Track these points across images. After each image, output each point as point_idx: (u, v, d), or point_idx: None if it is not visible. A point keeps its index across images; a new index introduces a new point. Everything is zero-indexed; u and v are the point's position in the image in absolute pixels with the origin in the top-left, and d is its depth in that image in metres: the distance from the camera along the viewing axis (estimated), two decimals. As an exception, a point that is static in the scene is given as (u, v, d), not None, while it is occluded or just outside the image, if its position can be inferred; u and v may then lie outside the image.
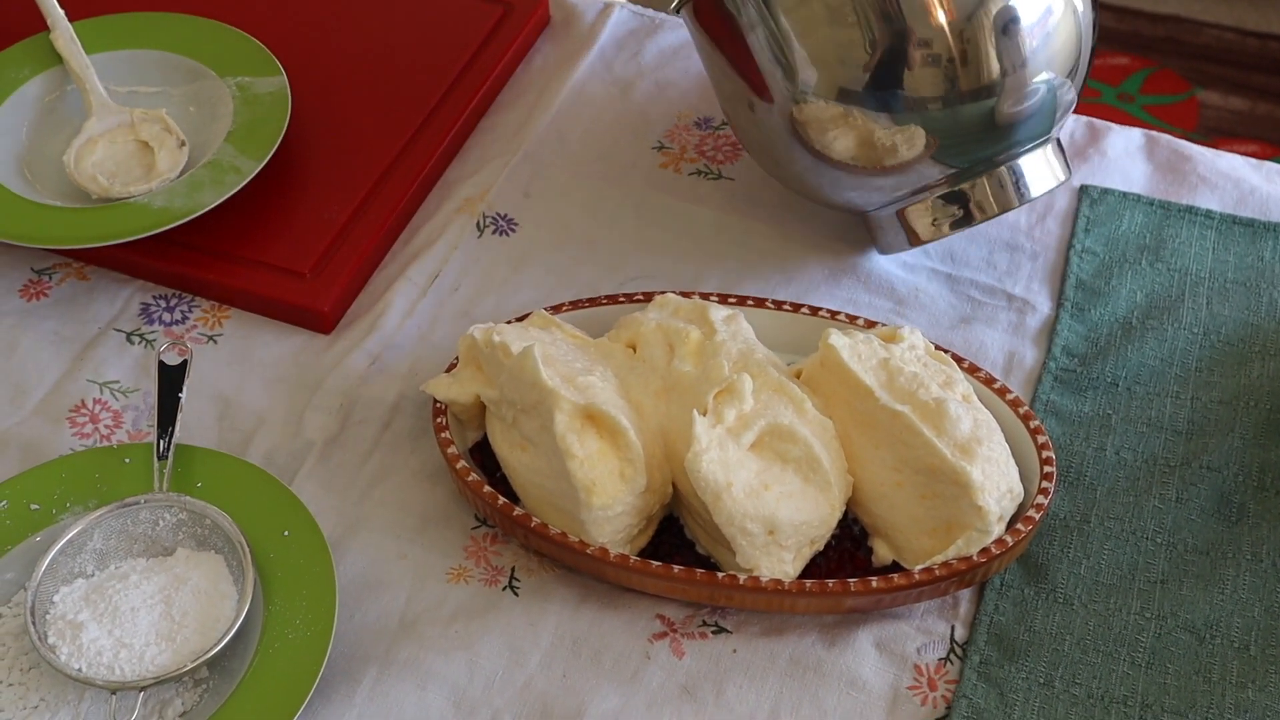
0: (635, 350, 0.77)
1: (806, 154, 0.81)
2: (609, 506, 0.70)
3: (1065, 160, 0.84)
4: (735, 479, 0.70)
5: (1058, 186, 0.84)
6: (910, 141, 0.79)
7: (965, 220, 0.83)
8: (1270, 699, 0.69)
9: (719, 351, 0.74)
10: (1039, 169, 0.83)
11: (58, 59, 0.94)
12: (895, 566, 0.73)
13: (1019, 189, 0.82)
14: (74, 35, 0.94)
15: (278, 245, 0.88)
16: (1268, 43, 2.06)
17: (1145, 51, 2.07)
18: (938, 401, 0.72)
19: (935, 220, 0.83)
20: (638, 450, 0.71)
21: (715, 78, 0.85)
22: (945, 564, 0.70)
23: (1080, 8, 0.80)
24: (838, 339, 0.75)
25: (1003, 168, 0.82)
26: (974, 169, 0.82)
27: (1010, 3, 0.77)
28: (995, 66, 0.77)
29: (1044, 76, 0.78)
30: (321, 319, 0.86)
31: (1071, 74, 0.81)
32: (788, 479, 0.71)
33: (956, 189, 0.82)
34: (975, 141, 0.80)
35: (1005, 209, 0.82)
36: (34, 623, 0.68)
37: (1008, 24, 0.77)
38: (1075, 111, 0.90)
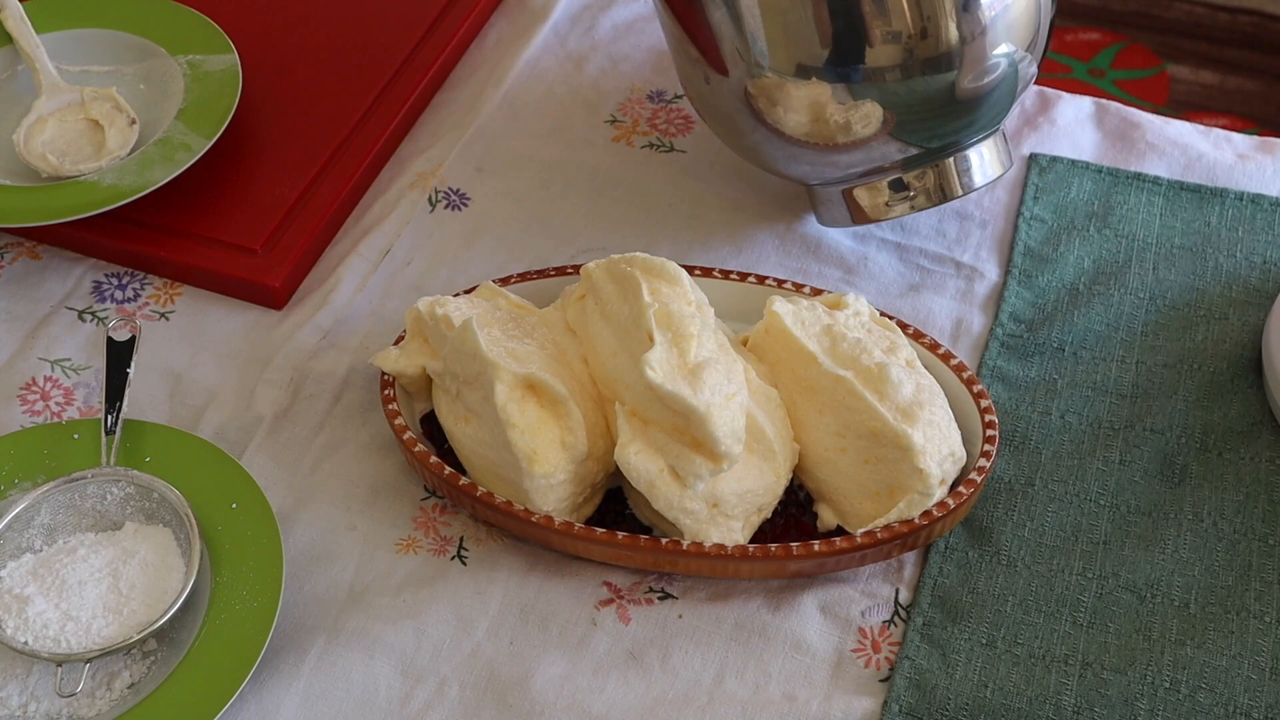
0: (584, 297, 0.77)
1: (762, 128, 0.81)
2: (551, 474, 0.70)
3: (1009, 150, 0.85)
4: (669, 459, 0.70)
5: (1000, 176, 0.84)
6: (868, 119, 0.78)
7: (909, 204, 0.83)
8: (1208, 655, 0.69)
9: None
10: (986, 158, 0.83)
11: (7, 39, 0.94)
12: (840, 531, 0.74)
13: (965, 177, 0.83)
14: (24, 15, 0.94)
15: (229, 222, 0.88)
16: (1237, 17, 2.07)
17: (1116, 26, 2.08)
18: (880, 366, 0.72)
19: (886, 202, 0.83)
20: (578, 418, 0.71)
21: (673, 46, 0.85)
22: (887, 527, 0.71)
23: None
24: (781, 305, 0.76)
25: (951, 158, 0.82)
26: (929, 154, 0.81)
27: None
28: (954, 36, 0.76)
29: (1004, 49, 0.78)
30: (273, 295, 0.86)
31: (1031, 47, 0.80)
32: (730, 447, 0.72)
33: (905, 175, 0.82)
34: (936, 119, 0.79)
35: (950, 198, 0.83)
36: (-19, 597, 0.69)
37: None
38: (1036, 83, 0.90)
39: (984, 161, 0.83)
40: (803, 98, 0.78)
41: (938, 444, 0.71)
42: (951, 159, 0.82)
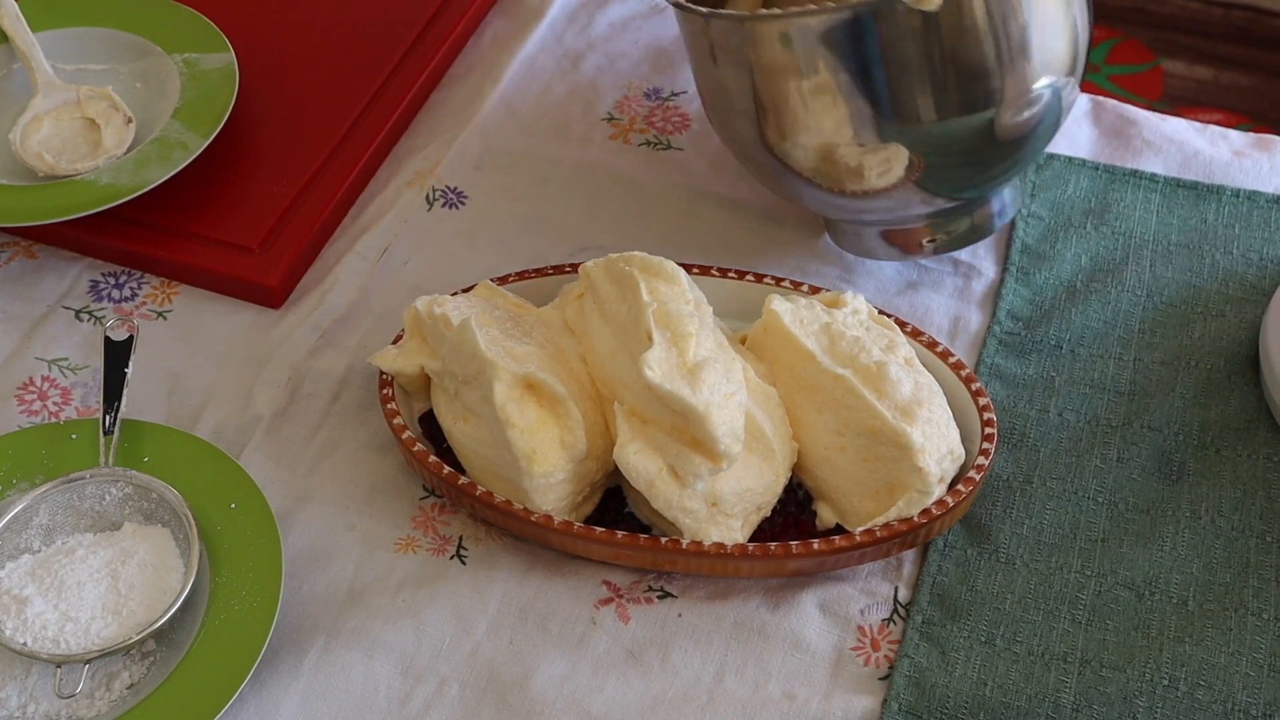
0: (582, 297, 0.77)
1: (778, 163, 0.79)
2: (550, 474, 0.70)
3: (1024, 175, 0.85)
4: (668, 458, 0.70)
5: (1022, 207, 0.84)
6: (889, 164, 0.75)
7: (934, 246, 0.83)
8: (1206, 653, 0.69)
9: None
10: (1010, 198, 0.83)
11: (3, 37, 0.94)
12: (839, 529, 0.74)
13: (997, 219, 0.83)
14: (19, 14, 0.94)
15: (227, 221, 0.88)
16: (1231, 12, 2.07)
17: (1111, 22, 2.08)
18: (879, 365, 0.72)
19: (920, 243, 0.83)
20: (577, 418, 0.71)
21: (692, 56, 0.82)
22: (886, 525, 0.71)
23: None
24: (780, 304, 0.76)
25: (983, 206, 0.81)
26: (961, 208, 0.81)
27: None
28: (994, 69, 0.73)
29: (1045, 81, 0.75)
30: (270, 294, 0.86)
31: (1072, 70, 0.77)
32: (729, 447, 0.72)
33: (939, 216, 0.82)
34: (971, 165, 0.77)
35: (978, 240, 0.83)
36: (-20, 598, 0.69)
37: (1005, 21, 0.73)
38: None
39: (1008, 203, 0.83)
40: (833, 148, 0.75)
41: (936, 442, 0.71)
42: (982, 207, 0.81)
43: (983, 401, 0.76)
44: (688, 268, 0.81)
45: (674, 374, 0.69)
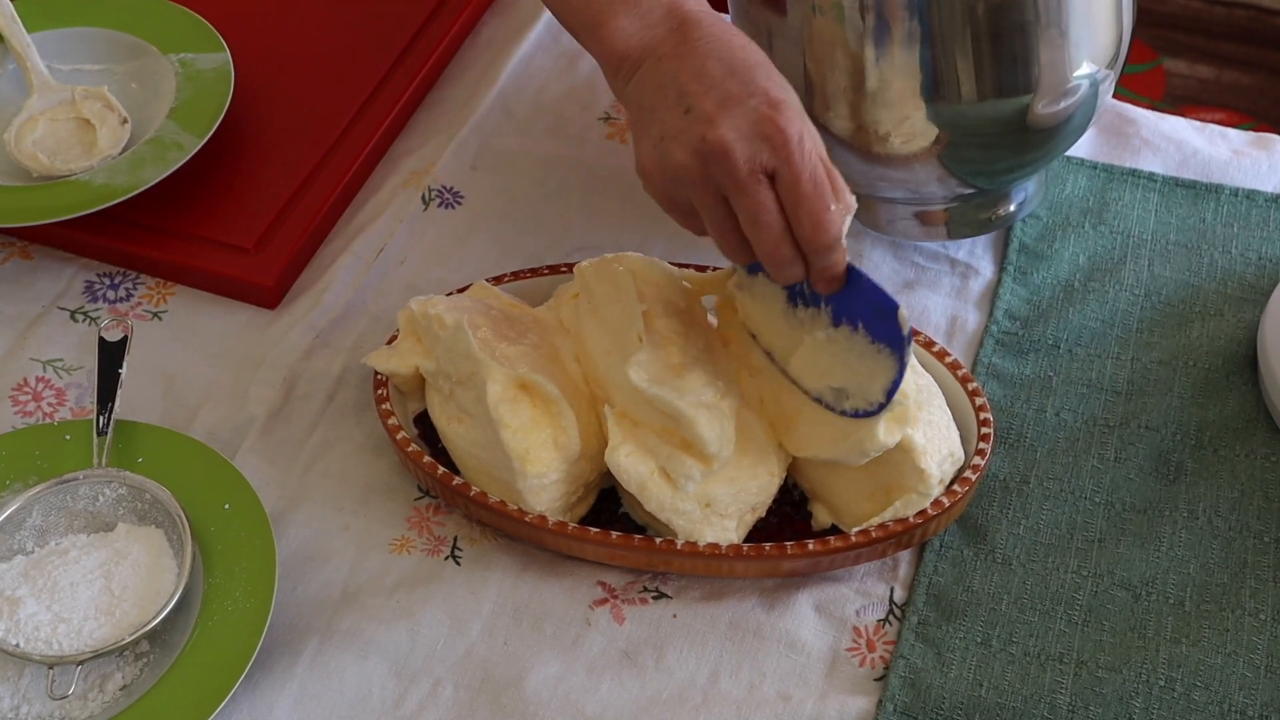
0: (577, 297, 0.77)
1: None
2: (543, 474, 0.70)
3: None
4: (659, 460, 0.70)
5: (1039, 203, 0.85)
6: (918, 135, 0.76)
7: (964, 231, 0.84)
8: (1203, 653, 0.69)
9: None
10: (1033, 189, 0.83)
11: (-1, 38, 0.94)
12: (835, 530, 0.73)
13: (1023, 208, 0.83)
14: (14, 14, 0.93)
15: (222, 221, 0.88)
16: (1233, 11, 2.06)
17: (1111, 21, 2.08)
18: (877, 365, 0.72)
19: (940, 225, 0.84)
20: (570, 418, 0.71)
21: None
22: (882, 526, 0.71)
23: None
24: (776, 304, 0.75)
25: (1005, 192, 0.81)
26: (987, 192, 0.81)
27: None
28: (1032, 55, 0.73)
29: (1086, 71, 0.75)
30: (266, 294, 0.86)
31: (1113, 63, 0.77)
32: (723, 447, 0.71)
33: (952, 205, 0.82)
34: (1002, 151, 0.78)
35: (998, 228, 0.84)
36: (-28, 600, 0.69)
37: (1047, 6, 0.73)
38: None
39: (1031, 195, 0.83)
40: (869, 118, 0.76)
41: (938, 444, 0.71)
42: (1004, 198, 0.82)
43: (979, 401, 0.75)
44: (682, 267, 0.81)
45: (662, 376, 0.69)
